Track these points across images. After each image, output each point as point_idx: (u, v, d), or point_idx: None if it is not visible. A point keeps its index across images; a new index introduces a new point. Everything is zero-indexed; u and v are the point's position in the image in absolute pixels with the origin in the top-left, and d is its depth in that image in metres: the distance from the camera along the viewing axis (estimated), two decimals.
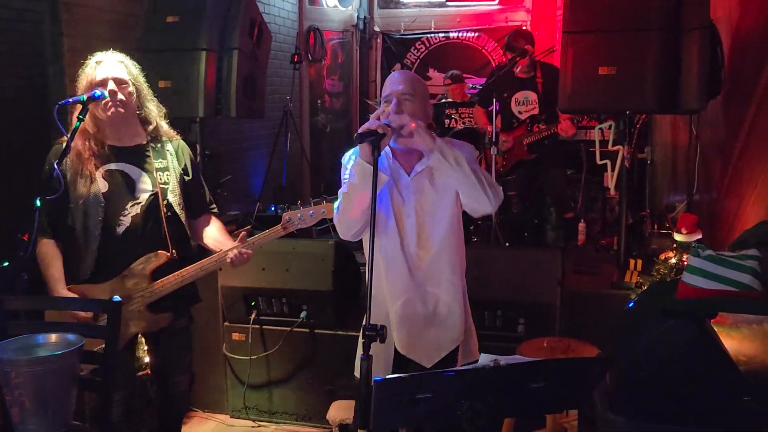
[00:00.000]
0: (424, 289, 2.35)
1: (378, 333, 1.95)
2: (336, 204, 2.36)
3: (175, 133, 2.78)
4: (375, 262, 2.23)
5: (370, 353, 1.94)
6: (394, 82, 2.31)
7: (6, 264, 2.20)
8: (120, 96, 2.52)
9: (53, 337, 2.01)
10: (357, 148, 2.24)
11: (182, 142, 2.78)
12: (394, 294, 2.33)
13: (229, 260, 2.63)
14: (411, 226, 2.33)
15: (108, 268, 2.55)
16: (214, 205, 2.88)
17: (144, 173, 2.62)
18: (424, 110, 2.32)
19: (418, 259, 2.33)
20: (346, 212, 2.30)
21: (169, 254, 2.61)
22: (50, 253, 2.54)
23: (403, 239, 2.33)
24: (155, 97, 2.73)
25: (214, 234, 2.79)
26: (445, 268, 2.35)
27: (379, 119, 2.18)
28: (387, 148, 2.32)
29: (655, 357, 1.94)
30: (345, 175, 2.35)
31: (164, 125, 2.73)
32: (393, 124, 2.17)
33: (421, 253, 2.33)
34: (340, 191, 2.35)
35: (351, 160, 2.33)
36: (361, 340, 2.46)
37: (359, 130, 2.15)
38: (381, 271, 2.30)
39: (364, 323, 1.97)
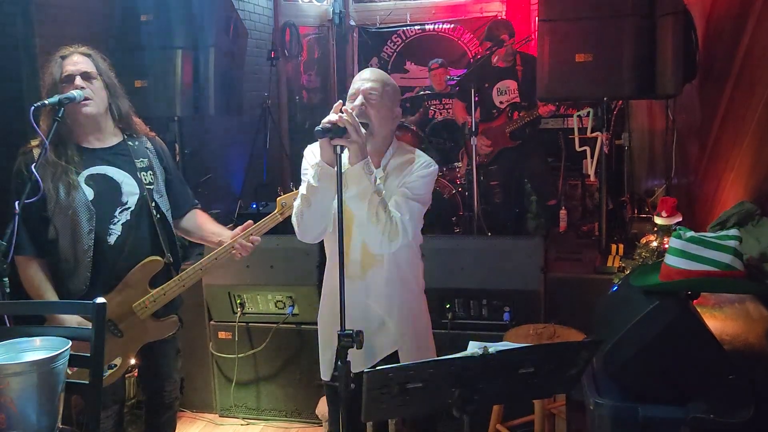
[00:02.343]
0: (361, 299, 2.26)
1: (354, 339, 1.85)
2: (295, 203, 2.21)
3: (149, 128, 2.65)
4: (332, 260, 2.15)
5: (347, 359, 1.83)
6: (363, 78, 2.20)
7: None
8: (89, 91, 2.38)
9: (38, 341, 1.99)
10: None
11: (158, 139, 2.67)
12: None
13: (234, 251, 2.53)
14: (358, 233, 2.21)
15: (103, 282, 2.43)
16: (197, 201, 2.83)
17: (127, 175, 2.49)
18: (390, 111, 2.21)
19: (361, 268, 2.24)
20: (303, 214, 2.14)
21: (164, 259, 2.52)
22: (37, 274, 2.38)
23: (350, 245, 2.23)
24: (127, 93, 2.60)
25: (208, 227, 2.70)
26: (389, 286, 2.25)
27: (340, 111, 1.99)
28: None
29: (640, 339, 1.95)
30: (305, 167, 2.21)
31: (138, 121, 2.60)
32: (339, 123, 1.95)
33: (365, 263, 2.23)
34: (299, 189, 2.18)
35: (312, 153, 2.18)
36: (321, 340, 2.44)
37: (320, 125, 1.97)
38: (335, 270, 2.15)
39: (338, 330, 1.86)
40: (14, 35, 3.80)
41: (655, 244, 3.17)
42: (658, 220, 3.23)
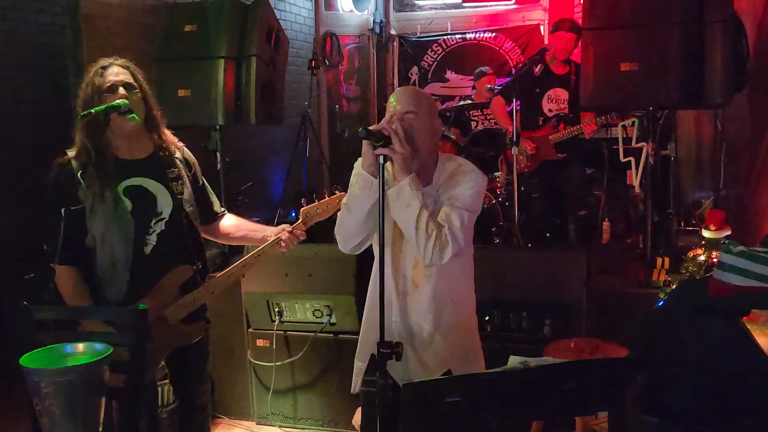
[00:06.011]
0: (408, 317, 2.22)
1: (393, 351, 1.85)
2: (339, 213, 2.27)
3: (178, 139, 2.67)
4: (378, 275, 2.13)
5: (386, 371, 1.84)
6: (396, 101, 2.18)
7: (32, 275, 2.19)
8: (131, 102, 2.41)
9: (81, 346, 2.01)
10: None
11: (186, 149, 2.70)
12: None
13: (282, 244, 2.59)
14: (410, 250, 2.19)
15: (139, 289, 2.46)
16: (224, 208, 2.85)
17: (161, 185, 2.53)
18: (430, 126, 2.18)
19: (412, 284, 2.21)
20: (343, 224, 2.20)
21: (195, 267, 2.57)
22: (76, 283, 2.41)
23: (401, 259, 2.21)
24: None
25: (248, 225, 2.76)
26: (439, 302, 2.21)
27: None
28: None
29: (688, 356, 1.89)
30: (352, 180, 2.25)
31: (167, 132, 2.63)
32: (384, 131, 1.99)
33: (416, 279, 2.20)
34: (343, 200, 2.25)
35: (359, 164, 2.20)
36: (359, 355, 2.42)
37: (369, 127, 2.01)
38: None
39: (377, 340, 1.87)
40: (63, 45, 3.90)
41: (702, 258, 3.08)
42: (706, 234, 3.14)
